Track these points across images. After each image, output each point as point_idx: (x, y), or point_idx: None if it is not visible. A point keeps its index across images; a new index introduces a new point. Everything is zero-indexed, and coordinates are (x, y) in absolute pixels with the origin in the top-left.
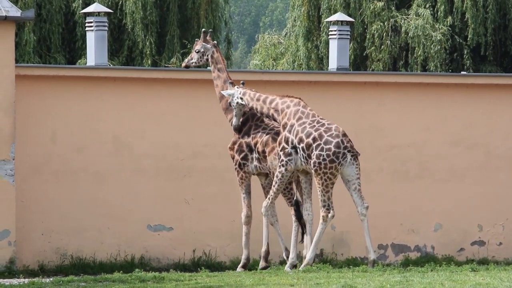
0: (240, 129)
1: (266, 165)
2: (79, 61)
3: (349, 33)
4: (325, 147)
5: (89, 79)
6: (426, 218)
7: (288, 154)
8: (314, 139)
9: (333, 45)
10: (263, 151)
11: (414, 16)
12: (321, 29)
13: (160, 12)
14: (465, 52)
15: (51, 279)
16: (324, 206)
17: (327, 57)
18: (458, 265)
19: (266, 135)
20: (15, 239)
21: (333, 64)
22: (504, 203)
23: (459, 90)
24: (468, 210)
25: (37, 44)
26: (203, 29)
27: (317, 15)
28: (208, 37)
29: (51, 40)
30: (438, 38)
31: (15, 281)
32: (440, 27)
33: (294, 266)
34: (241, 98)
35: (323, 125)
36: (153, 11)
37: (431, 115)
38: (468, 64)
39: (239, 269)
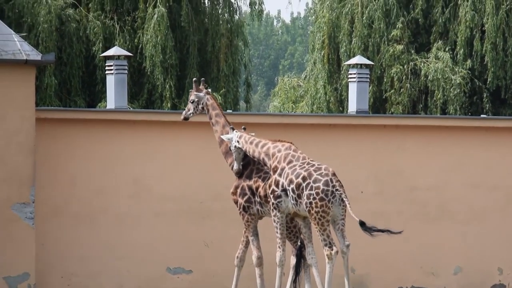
0: (242, 173)
1: (268, 209)
2: (99, 104)
3: (368, 76)
4: (314, 185)
5: (109, 122)
6: (446, 260)
7: (278, 197)
8: (304, 179)
9: (353, 88)
10: (265, 196)
11: (434, 59)
12: (341, 72)
13: (179, 55)
14: (485, 95)
15: None
16: (326, 245)
17: (347, 100)
18: None
19: (268, 179)
20: (34, 282)
21: (352, 107)
22: None
23: (478, 133)
24: (489, 253)
25: (58, 88)
26: (194, 79)
27: (337, 58)
28: (201, 86)
29: (71, 83)
30: (458, 81)
31: None
32: (459, 70)
33: None
34: (238, 142)
35: (313, 165)
36: (172, 54)
37: (451, 157)
38: (487, 107)
39: None
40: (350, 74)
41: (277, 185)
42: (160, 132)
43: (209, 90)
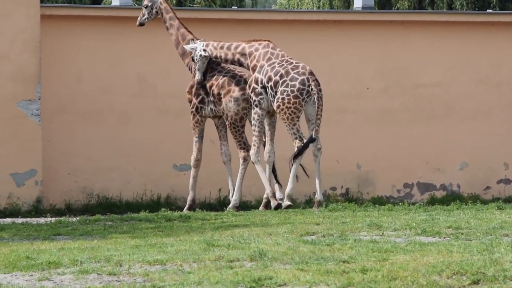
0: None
1: (221, 108)
2: (104, 1)
3: None
4: (290, 83)
5: (114, 19)
6: (452, 156)
7: (259, 94)
8: (281, 76)
9: None
10: (218, 94)
11: None
12: None
13: None
14: None
15: (77, 218)
16: (296, 138)
17: None
18: (484, 204)
19: (222, 78)
20: (41, 178)
21: (358, 3)
22: None
23: (485, 28)
24: (494, 149)
25: None
26: None
27: None
28: None
29: None
30: None
31: (42, 220)
32: None
33: (237, 208)
34: (204, 50)
35: (291, 63)
36: None
37: (456, 53)
38: (494, 2)
39: (185, 211)
40: None
41: (256, 82)
42: (165, 29)
43: None
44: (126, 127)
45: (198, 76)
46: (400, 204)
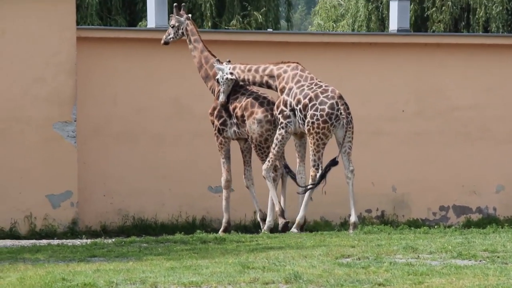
0: (220, 94)
1: (245, 130)
2: (139, 23)
3: None
4: (319, 107)
5: (150, 41)
6: (488, 179)
7: (287, 117)
8: (310, 99)
9: (394, 6)
10: (242, 116)
11: None
12: None
13: None
14: None
15: (113, 239)
16: (314, 166)
17: (388, 19)
18: None
19: (245, 99)
20: (77, 200)
21: (393, 25)
22: None
23: None
24: None
25: (98, 6)
26: (174, 4)
27: None
28: (182, 11)
29: (112, 2)
30: None
31: (77, 241)
32: None
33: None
34: (231, 73)
35: (320, 87)
36: None
37: (492, 76)
38: None
39: (220, 233)
40: None
41: (285, 104)
42: None
43: (190, 15)
44: (161, 149)
45: (222, 98)
46: (435, 227)
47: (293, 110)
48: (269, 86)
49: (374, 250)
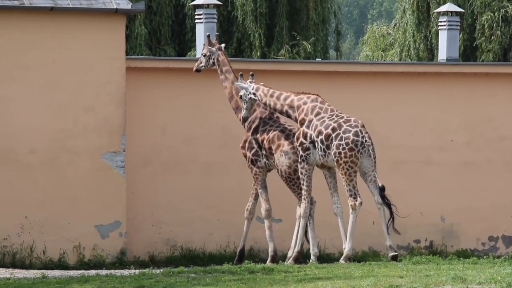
0: (250, 127)
1: (274, 162)
2: (188, 53)
3: (459, 23)
4: (344, 136)
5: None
6: None
7: (306, 149)
8: (333, 129)
9: (443, 36)
10: (270, 148)
11: None
12: (431, 19)
13: (269, 4)
14: None
15: (161, 270)
16: (351, 196)
17: (437, 48)
18: None
19: (272, 132)
20: (125, 230)
21: (442, 55)
22: None
23: None
24: None
25: (147, 37)
26: (207, 33)
27: (426, 5)
28: (215, 41)
29: (161, 33)
30: None
31: (126, 271)
32: None
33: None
34: (254, 94)
35: (342, 117)
36: (262, 3)
37: None
38: None
39: (268, 263)
40: (440, 21)
41: (305, 137)
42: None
43: (222, 46)
44: (210, 178)
45: (244, 113)
46: (485, 257)
47: (312, 142)
48: (288, 116)
49: (423, 281)
